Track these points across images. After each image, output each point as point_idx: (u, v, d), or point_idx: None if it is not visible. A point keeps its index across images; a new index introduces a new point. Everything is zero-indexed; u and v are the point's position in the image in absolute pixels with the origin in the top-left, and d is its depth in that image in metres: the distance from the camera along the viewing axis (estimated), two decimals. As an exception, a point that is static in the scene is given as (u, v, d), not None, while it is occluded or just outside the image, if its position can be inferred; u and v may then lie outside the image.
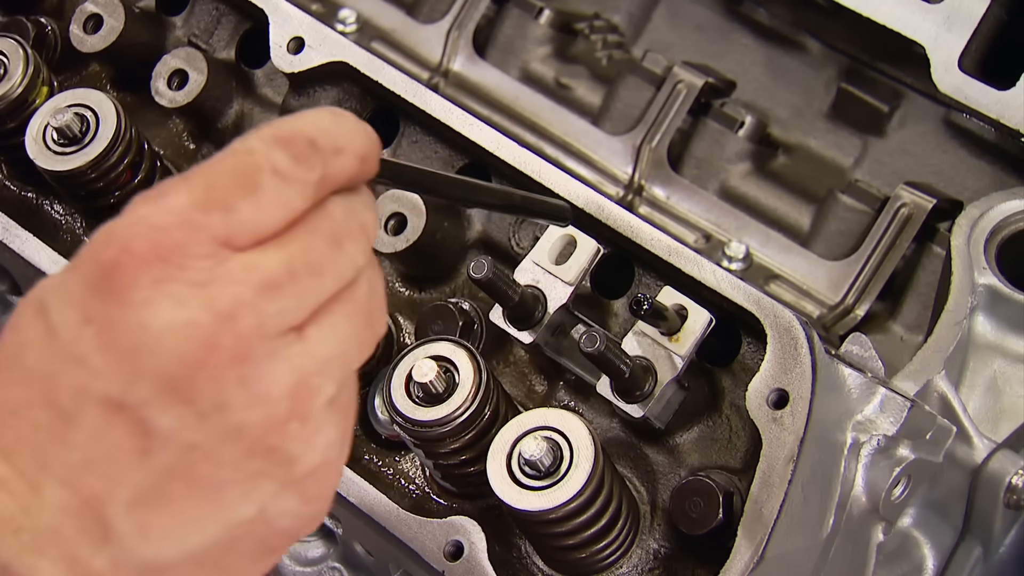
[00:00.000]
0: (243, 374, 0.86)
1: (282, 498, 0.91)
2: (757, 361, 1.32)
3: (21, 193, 1.70)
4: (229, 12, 1.78)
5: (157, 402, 0.85)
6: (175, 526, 0.88)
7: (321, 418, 0.91)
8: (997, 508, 1.45)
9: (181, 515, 0.88)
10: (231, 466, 0.88)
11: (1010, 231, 1.54)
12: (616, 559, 1.34)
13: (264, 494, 0.90)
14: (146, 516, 0.87)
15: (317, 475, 0.93)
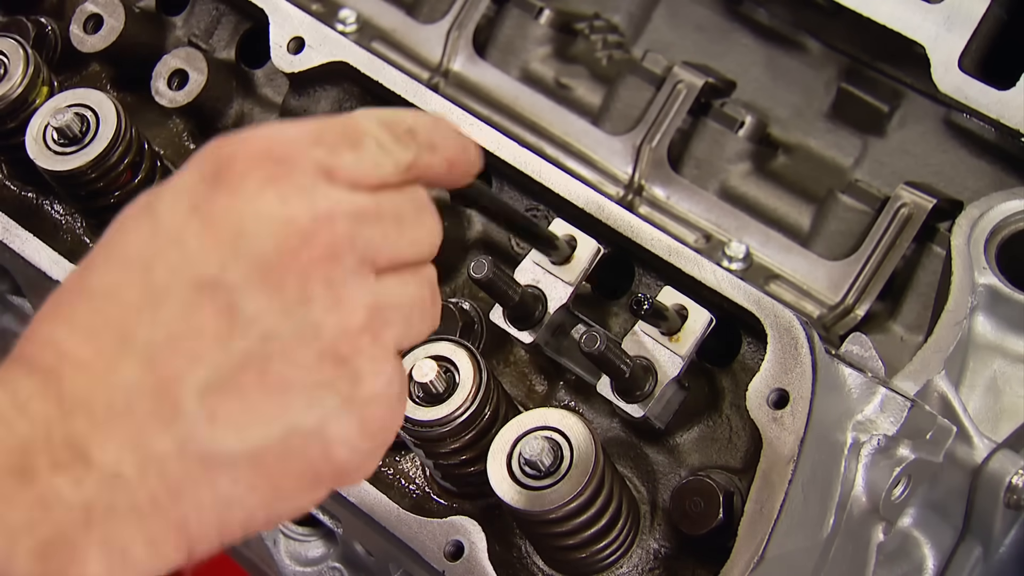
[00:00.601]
0: (330, 276, 0.93)
1: (342, 420, 0.95)
2: (757, 361, 1.32)
3: (21, 193, 1.70)
4: (229, 12, 1.78)
5: (248, 286, 0.91)
6: (241, 418, 0.91)
7: (389, 348, 0.97)
8: (997, 508, 1.45)
9: (248, 408, 0.91)
10: (302, 368, 0.93)
11: (1010, 231, 1.54)
12: (616, 559, 1.34)
13: (327, 409, 0.94)
14: (216, 403, 0.90)
15: (378, 405, 0.96)
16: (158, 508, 0.89)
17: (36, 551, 0.83)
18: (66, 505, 0.85)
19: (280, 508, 0.96)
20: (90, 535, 0.85)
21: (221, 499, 0.91)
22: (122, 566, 0.87)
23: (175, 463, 0.89)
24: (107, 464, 0.87)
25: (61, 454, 0.86)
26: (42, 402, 0.88)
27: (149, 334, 0.91)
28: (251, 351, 0.92)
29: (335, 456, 0.96)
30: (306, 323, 0.93)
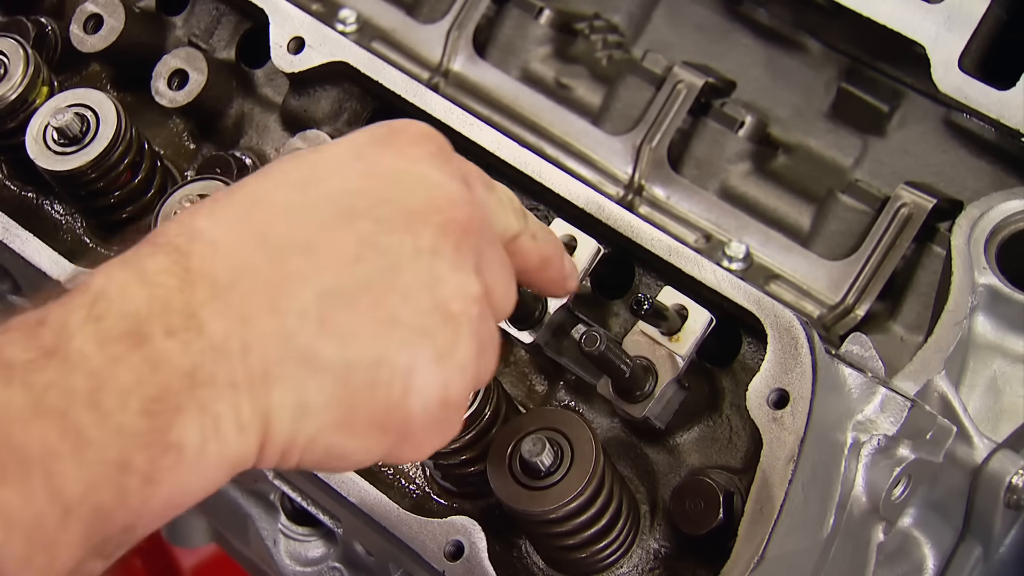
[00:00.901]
0: (461, 242, 1.05)
1: (429, 373, 1.01)
2: (757, 361, 1.32)
3: (21, 193, 1.70)
4: (229, 12, 1.78)
5: (390, 224, 1.02)
6: (346, 331, 0.98)
7: (491, 327, 1.09)
8: (997, 508, 1.45)
9: (355, 325, 0.98)
10: (413, 310, 1.01)
11: (1010, 231, 1.54)
12: (616, 559, 1.34)
13: (420, 357, 1.01)
14: (329, 311, 0.98)
15: (463, 375, 1.04)
16: (252, 390, 0.94)
17: (143, 408, 0.89)
18: (173, 367, 0.91)
19: (340, 443, 1.00)
20: (191, 400, 0.91)
21: (302, 404, 0.96)
22: (215, 438, 0.92)
23: (276, 351, 0.95)
24: (216, 335, 0.93)
25: (175, 321, 0.92)
26: (167, 276, 0.94)
27: (286, 235, 1.00)
28: (374, 277, 1.00)
29: (410, 405, 1.01)
30: (430, 272, 1.02)
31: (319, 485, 1.41)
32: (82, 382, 0.88)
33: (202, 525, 2.21)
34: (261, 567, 1.96)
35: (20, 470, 0.85)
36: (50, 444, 0.86)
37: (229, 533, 2.01)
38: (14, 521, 0.84)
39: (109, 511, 0.88)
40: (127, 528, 0.90)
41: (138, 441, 0.89)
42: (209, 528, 2.20)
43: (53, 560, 0.86)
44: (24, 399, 0.87)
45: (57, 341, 0.90)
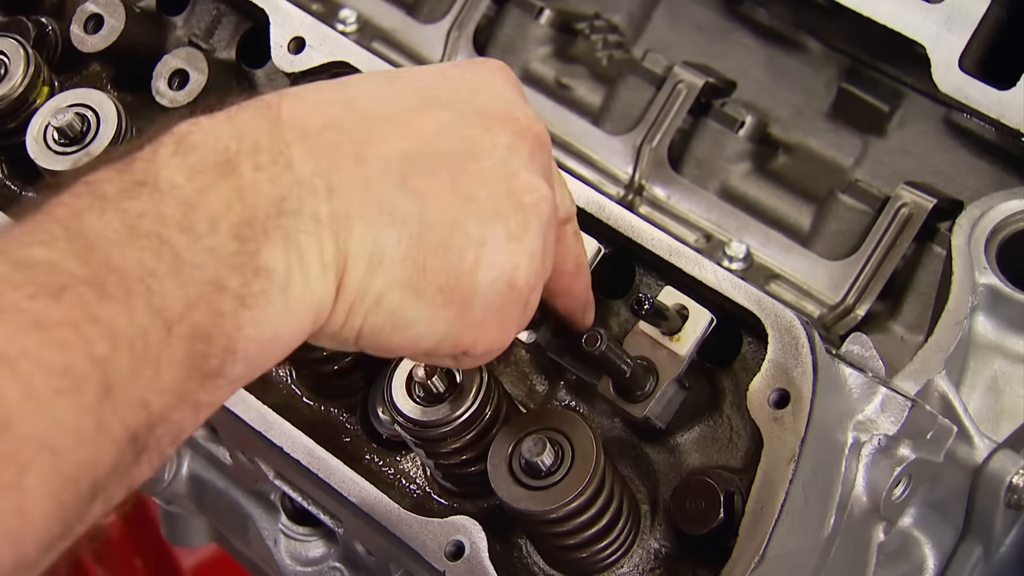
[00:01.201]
0: (535, 149, 1.11)
1: (500, 249, 1.05)
2: (758, 361, 1.32)
3: (21, 193, 1.70)
4: (229, 12, 1.78)
5: (468, 118, 1.08)
6: (425, 193, 1.03)
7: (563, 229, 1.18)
8: (998, 508, 1.45)
9: (433, 190, 1.03)
10: (489, 192, 1.06)
11: (1010, 231, 1.54)
12: (617, 559, 1.34)
13: (492, 233, 1.05)
14: (410, 172, 1.03)
15: (531, 262, 1.08)
16: (333, 229, 0.97)
17: (233, 233, 0.92)
18: (260, 196, 0.94)
19: (406, 305, 1.02)
20: (278, 228, 0.94)
21: (378, 252, 1.00)
22: (299, 269, 0.95)
23: (359, 196, 0.99)
24: (303, 172, 0.97)
25: (263, 158, 0.96)
26: (256, 122, 0.99)
27: (372, 107, 1.05)
28: (454, 156, 1.05)
29: (478, 276, 1.04)
30: (507, 164, 1.08)
31: (320, 485, 1.41)
32: (173, 209, 0.91)
33: (202, 525, 2.21)
34: (261, 567, 1.96)
35: (121, 288, 0.86)
36: (148, 265, 0.88)
37: (229, 533, 2.01)
38: (119, 335, 0.85)
39: (208, 331, 0.90)
40: (227, 352, 0.91)
41: (230, 263, 0.92)
42: (209, 528, 2.20)
43: (158, 376, 0.87)
44: (119, 224, 0.89)
45: (146, 174, 0.93)
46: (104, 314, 0.85)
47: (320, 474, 1.40)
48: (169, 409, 0.89)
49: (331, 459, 1.40)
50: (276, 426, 1.42)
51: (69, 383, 0.82)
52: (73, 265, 0.86)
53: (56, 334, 0.83)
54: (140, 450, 0.87)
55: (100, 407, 0.83)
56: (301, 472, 1.42)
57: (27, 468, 0.79)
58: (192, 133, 0.97)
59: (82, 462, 0.83)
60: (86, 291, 0.85)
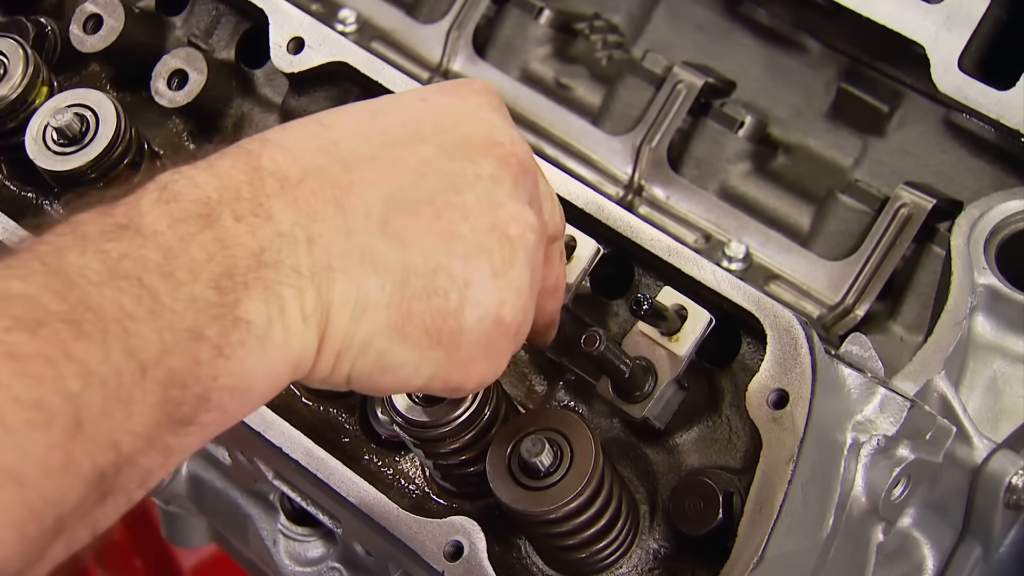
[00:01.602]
0: (519, 177, 1.10)
1: (486, 288, 1.05)
2: (757, 361, 1.32)
3: (21, 193, 1.70)
4: (229, 12, 1.78)
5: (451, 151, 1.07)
6: (408, 237, 1.02)
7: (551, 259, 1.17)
8: (997, 508, 1.44)
9: (417, 233, 1.03)
10: (473, 227, 1.05)
11: (1010, 231, 1.53)
12: (616, 559, 1.34)
13: (478, 272, 1.05)
14: (393, 215, 1.02)
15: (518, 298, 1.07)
16: (315, 281, 0.97)
17: (213, 283, 0.92)
18: (241, 247, 0.94)
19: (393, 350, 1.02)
20: (258, 279, 0.94)
21: (362, 302, 1.00)
22: (280, 321, 0.95)
23: (340, 245, 0.99)
24: (284, 224, 0.97)
25: (244, 208, 0.96)
26: (236, 172, 0.98)
27: (353, 149, 1.04)
28: (436, 193, 1.04)
29: (464, 317, 1.04)
30: (490, 196, 1.07)
31: (319, 485, 1.41)
32: (154, 254, 0.91)
33: (202, 525, 2.21)
34: (261, 567, 1.96)
35: (98, 327, 0.86)
36: (126, 306, 0.88)
37: (229, 533, 2.01)
38: (93, 372, 0.85)
39: (183, 378, 0.89)
40: (200, 400, 0.91)
41: (209, 312, 0.91)
42: (209, 528, 2.20)
43: (129, 417, 0.86)
44: (100, 264, 0.89)
45: (129, 219, 0.93)
46: (79, 351, 0.84)
47: (319, 474, 1.40)
48: (138, 452, 0.88)
49: (330, 459, 1.40)
50: (275, 426, 1.42)
51: (40, 416, 0.81)
52: (50, 301, 0.86)
53: (30, 367, 0.82)
54: (107, 491, 0.87)
55: (70, 443, 0.83)
56: (300, 472, 1.42)
57: None
58: (174, 182, 0.97)
59: (48, 496, 0.82)
60: (62, 327, 0.84)
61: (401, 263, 1.02)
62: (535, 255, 1.10)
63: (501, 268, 1.06)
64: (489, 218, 1.06)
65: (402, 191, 1.03)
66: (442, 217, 1.04)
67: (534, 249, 1.09)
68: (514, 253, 1.07)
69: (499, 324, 1.07)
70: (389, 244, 1.01)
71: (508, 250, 1.06)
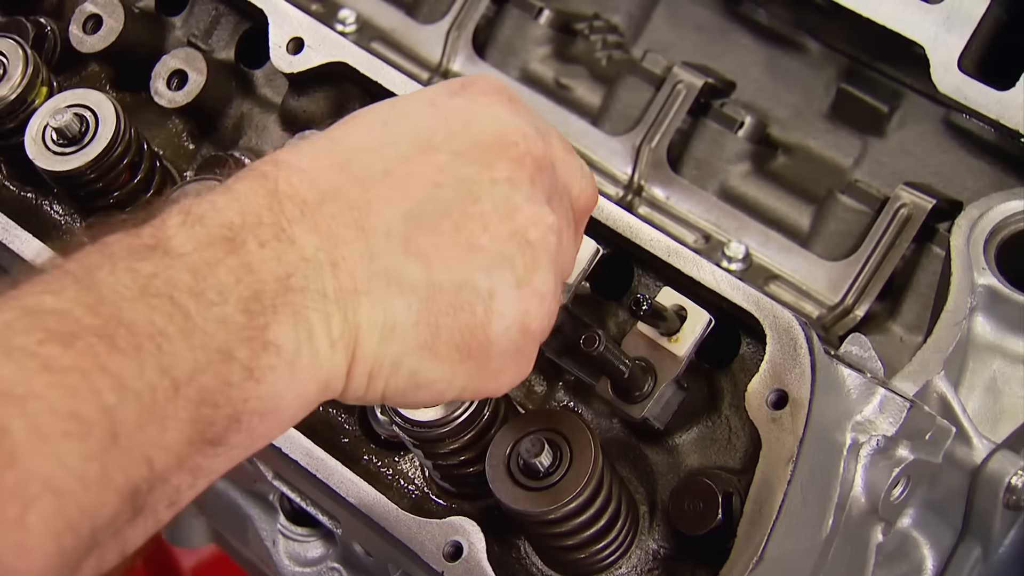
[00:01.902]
0: (536, 176, 1.08)
1: (510, 297, 1.05)
2: (756, 362, 1.32)
3: (21, 193, 1.70)
4: (228, 12, 1.78)
5: (464, 156, 1.05)
6: (430, 253, 1.02)
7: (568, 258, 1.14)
8: (996, 508, 1.44)
9: (439, 248, 1.02)
10: (493, 236, 1.04)
11: (1010, 231, 1.53)
12: (615, 559, 1.34)
13: (501, 282, 1.04)
14: (413, 233, 1.01)
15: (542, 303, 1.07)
16: (341, 304, 0.97)
17: (242, 304, 0.92)
18: (268, 272, 0.94)
19: (425, 367, 1.02)
20: (285, 304, 0.94)
21: (389, 322, 1.00)
22: (308, 346, 0.95)
23: (364, 268, 0.99)
24: (307, 249, 0.97)
25: (267, 233, 0.96)
26: (255, 196, 0.98)
27: (367, 165, 1.03)
28: (453, 204, 1.03)
29: (491, 329, 1.04)
30: (507, 201, 1.05)
31: (318, 485, 1.41)
32: (184, 275, 0.91)
33: (202, 525, 2.21)
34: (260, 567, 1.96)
35: (131, 342, 0.86)
36: (158, 323, 0.88)
37: (228, 534, 2.01)
38: (127, 387, 0.84)
39: (214, 398, 0.89)
40: (231, 420, 0.91)
41: (239, 335, 0.91)
42: (209, 528, 2.20)
43: (163, 433, 0.86)
44: (131, 281, 0.89)
45: (156, 240, 0.93)
46: (113, 365, 0.84)
47: (318, 475, 1.40)
48: (170, 470, 0.88)
49: (329, 460, 1.40)
50: (274, 427, 1.42)
51: (77, 427, 0.81)
52: (83, 315, 0.86)
53: (65, 379, 0.82)
54: (139, 508, 0.86)
55: (106, 455, 0.82)
56: (299, 473, 1.42)
57: (30, 506, 0.78)
58: (197, 204, 0.97)
59: (84, 508, 0.82)
60: (96, 341, 0.84)
61: (426, 281, 1.01)
62: (557, 257, 1.09)
63: (524, 276, 1.06)
64: (508, 225, 1.05)
65: (420, 206, 1.03)
66: (462, 230, 1.03)
67: (556, 251, 1.09)
68: (536, 259, 1.06)
69: (525, 332, 1.07)
70: (412, 263, 1.01)
71: (530, 256, 1.06)
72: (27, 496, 0.78)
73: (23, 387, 0.80)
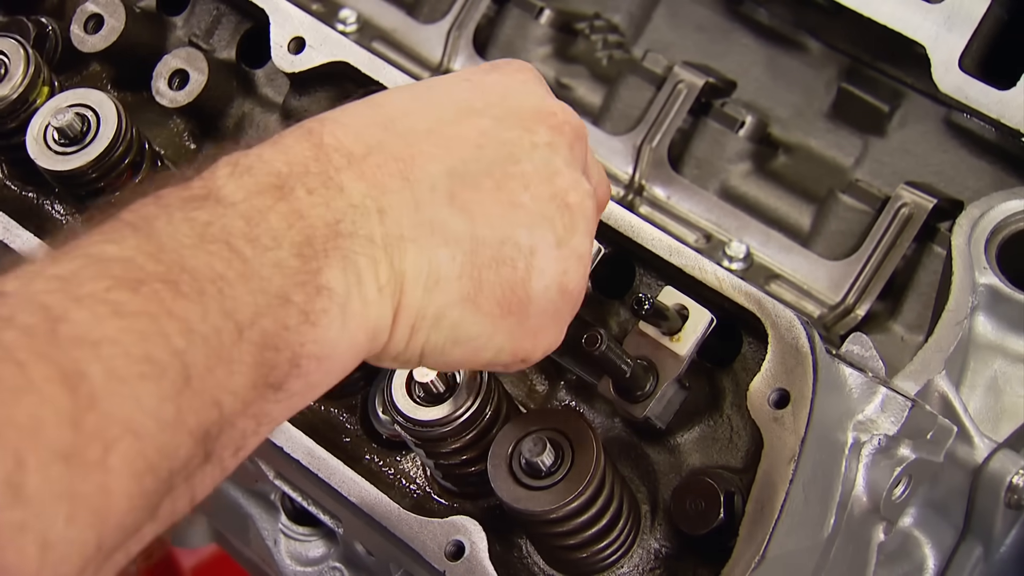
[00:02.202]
0: (574, 144, 1.12)
1: (550, 256, 1.07)
2: (758, 361, 1.32)
3: (21, 193, 1.70)
4: (229, 12, 1.78)
5: (504, 121, 1.09)
6: (474, 209, 1.04)
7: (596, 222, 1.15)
8: (998, 508, 1.45)
9: (481, 204, 1.05)
10: (534, 196, 1.07)
11: (1010, 231, 1.54)
12: (617, 559, 1.34)
13: (542, 240, 1.07)
14: (457, 188, 1.04)
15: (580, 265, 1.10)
16: (388, 251, 0.99)
17: (295, 248, 0.94)
18: (317, 218, 0.96)
19: (467, 321, 1.04)
20: (336, 248, 0.96)
21: (434, 272, 1.02)
22: (358, 292, 0.97)
23: (410, 217, 1.01)
24: (355, 195, 0.99)
25: (314, 182, 0.98)
26: (301, 148, 1.00)
27: (410, 124, 1.06)
28: (495, 164, 1.06)
29: (532, 285, 1.06)
30: (548, 164, 1.09)
31: (320, 485, 1.41)
32: (238, 222, 0.93)
33: (202, 525, 2.20)
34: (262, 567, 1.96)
35: (194, 287, 0.87)
36: (217, 269, 0.89)
37: (229, 533, 2.01)
38: (194, 331, 0.86)
39: (275, 341, 0.91)
40: (291, 364, 0.92)
41: (294, 279, 0.93)
42: (209, 528, 2.20)
43: (230, 376, 0.88)
44: (188, 229, 0.91)
45: (207, 191, 0.95)
46: (179, 310, 0.86)
47: (320, 474, 1.40)
48: (236, 415, 0.89)
49: (331, 459, 1.40)
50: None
51: (151, 370, 0.83)
52: (146, 262, 0.87)
53: (135, 324, 0.84)
54: (208, 453, 0.88)
55: (179, 397, 0.84)
56: (301, 472, 1.42)
57: (112, 447, 0.79)
58: (244, 157, 0.99)
59: (162, 449, 0.83)
60: (161, 287, 0.86)
61: (470, 234, 1.04)
62: (593, 223, 1.12)
63: (564, 236, 1.08)
64: (548, 187, 1.08)
65: (463, 164, 1.05)
66: (503, 188, 1.06)
67: (593, 217, 1.12)
68: (575, 221, 1.09)
69: (563, 292, 1.09)
70: (456, 216, 1.03)
71: (569, 218, 1.09)
72: (108, 438, 0.79)
73: (97, 332, 0.81)
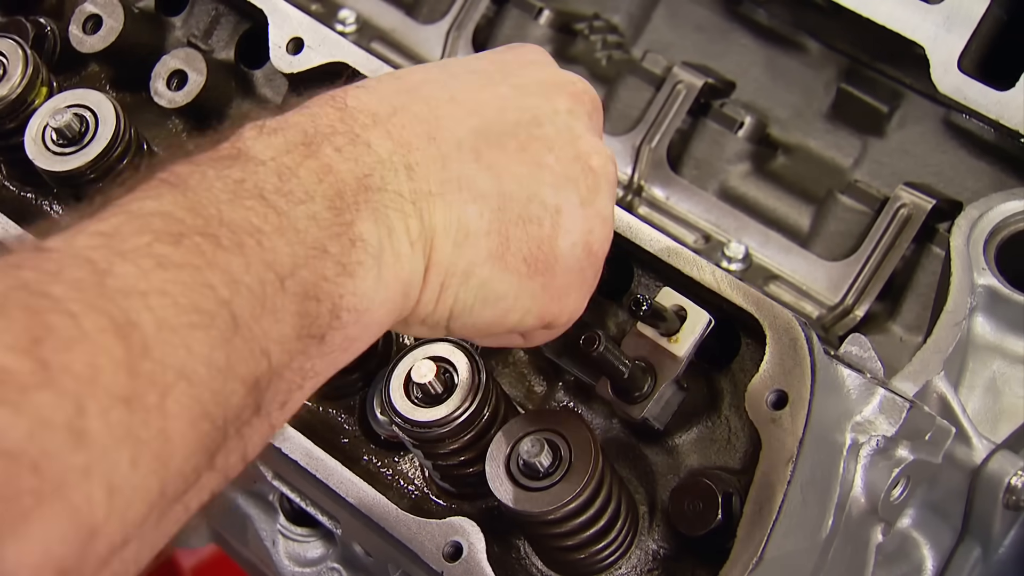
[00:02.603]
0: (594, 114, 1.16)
1: (576, 216, 1.10)
2: (756, 362, 1.32)
3: (20, 193, 1.70)
4: (228, 12, 1.78)
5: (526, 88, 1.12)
6: (500, 167, 1.06)
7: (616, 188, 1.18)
8: (996, 509, 1.44)
9: (507, 163, 1.07)
10: (558, 157, 1.10)
11: (1009, 232, 1.54)
12: (615, 560, 1.34)
13: (567, 200, 1.09)
14: (483, 147, 1.06)
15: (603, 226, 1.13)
16: (417, 206, 1.01)
17: (327, 201, 0.96)
18: (347, 172, 0.98)
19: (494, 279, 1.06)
20: (366, 202, 0.98)
21: (463, 227, 1.03)
22: (390, 244, 0.99)
23: (438, 173, 1.03)
24: (382, 152, 1.01)
25: (341, 140, 1.00)
26: (325, 111, 1.02)
27: (432, 92, 1.08)
28: (520, 125, 1.09)
29: (558, 243, 1.08)
30: (570, 128, 1.12)
31: (318, 486, 1.41)
32: (270, 177, 0.95)
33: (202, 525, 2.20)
34: (260, 568, 1.96)
35: (233, 240, 0.89)
36: (254, 223, 0.91)
37: (228, 534, 2.01)
38: (238, 281, 0.87)
39: (316, 292, 0.92)
40: (332, 315, 0.94)
41: (329, 231, 0.94)
42: (208, 528, 2.20)
43: (276, 324, 0.89)
44: (223, 185, 0.92)
45: (237, 150, 0.97)
46: (221, 262, 0.87)
47: (318, 475, 1.40)
48: (283, 366, 0.90)
49: (329, 460, 1.40)
50: (274, 427, 1.42)
51: (200, 319, 0.84)
52: (186, 217, 0.88)
53: (180, 275, 0.85)
54: (259, 404, 0.89)
55: (228, 346, 0.85)
56: (299, 473, 1.42)
57: (168, 393, 0.80)
58: (271, 120, 1.01)
59: (216, 395, 0.84)
60: (201, 240, 0.87)
61: (497, 191, 1.05)
62: (615, 187, 1.14)
63: (588, 197, 1.10)
64: (571, 149, 1.11)
65: (487, 125, 1.08)
66: (527, 149, 1.08)
67: (614, 182, 1.14)
68: (598, 183, 1.12)
69: (588, 252, 1.11)
70: (483, 173, 1.05)
71: (592, 180, 1.11)
72: (164, 384, 0.80)
73: (143, 284, 0.83)
